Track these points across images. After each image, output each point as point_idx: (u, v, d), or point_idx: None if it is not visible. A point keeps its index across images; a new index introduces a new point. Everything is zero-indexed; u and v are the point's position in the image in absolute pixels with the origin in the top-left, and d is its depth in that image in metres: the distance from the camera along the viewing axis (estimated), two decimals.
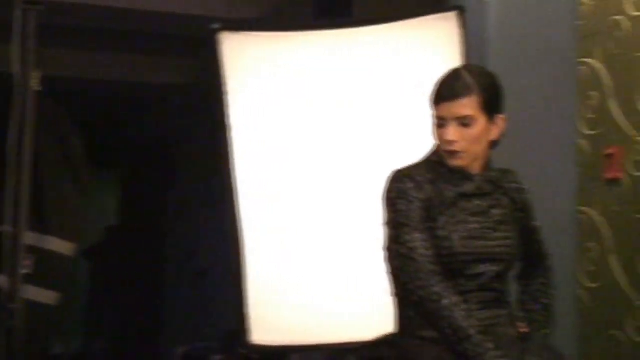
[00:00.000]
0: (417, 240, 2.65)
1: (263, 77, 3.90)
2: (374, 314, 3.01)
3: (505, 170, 2.89)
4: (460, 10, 3.86)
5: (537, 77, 4.29)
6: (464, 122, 2.69)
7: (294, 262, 3.83)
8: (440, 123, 2.72)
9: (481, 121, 2.70)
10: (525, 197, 2.91)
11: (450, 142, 2.71)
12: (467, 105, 2.69)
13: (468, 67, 2.95)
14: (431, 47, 3.86)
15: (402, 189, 2.72)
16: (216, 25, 3.90)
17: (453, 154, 2.72)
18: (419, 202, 2.69)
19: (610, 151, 4.13)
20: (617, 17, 4.13)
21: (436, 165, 2.76)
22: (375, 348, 2.83)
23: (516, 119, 2.82)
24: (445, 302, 2.56)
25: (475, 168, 2.78)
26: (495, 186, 2.82)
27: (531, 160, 3.98)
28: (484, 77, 2.76)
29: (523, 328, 2.81)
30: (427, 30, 3.88)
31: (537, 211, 3.01)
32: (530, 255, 2.95)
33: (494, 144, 2.81)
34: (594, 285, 4.21)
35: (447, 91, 2.72)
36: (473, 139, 2.70)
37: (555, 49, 4.36)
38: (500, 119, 2.76)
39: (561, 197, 4.23)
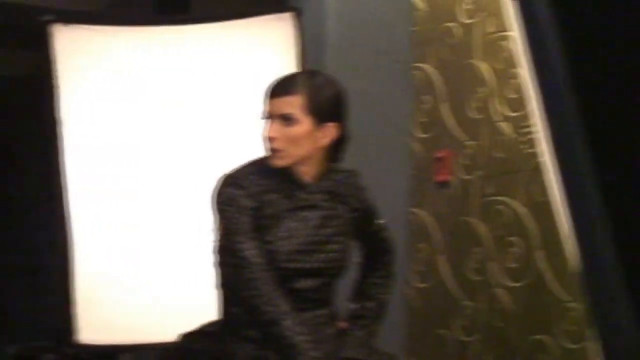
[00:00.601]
0: (248, 248, 2.59)
1: (97, 72, 3.83)
2: (203, 313, 2.99)
3: (347, 174, 2.82)
4: (297, 12, 3.88)
5: (373, 80, 4.35)
6: (286, 120, 2.65)
7: (124, 260, 3.78)
8: (267, 119, 2.71)
9: (305, 123, 2.65)
10: (365, 200, 2.86)
11: (270, 139, 2.67)
12: (290, 103, 2.65)
13: (310, 70, 2.91)
14: (267, 46, 3.88)
15: (231, 196, 2.65)
16: (49, 17, 3.81)
17: (272, 152, 2.68)
18: (248, 210, 2.63)
19: (440, 154, 4.24)
20: (450, 24, 4.23)
21: (270, 171, 2.69)
22: (196, 339, 2.79)
23: (351, 121, 2.80)
24: (276, 310, 2.54)
25: (310, 176, 2.73)
26: (332, 195, 2.76)
27: (365, 161, 4.00)
28: (318, 81, 2.70)
29: (342, 325, 2.82)
30: (263, 30, 3.90)
31: None
32: (372, 252, 2.94)
33: (335, 154, 2.76)
34: (422, 285, 4.30)
35: (275, 88, 2.70)
36: (292, 138, 2.65)
37: (391, 53, 4.44)
38: (331, 127, 2.68)
39: (393, 198, 4.29)
